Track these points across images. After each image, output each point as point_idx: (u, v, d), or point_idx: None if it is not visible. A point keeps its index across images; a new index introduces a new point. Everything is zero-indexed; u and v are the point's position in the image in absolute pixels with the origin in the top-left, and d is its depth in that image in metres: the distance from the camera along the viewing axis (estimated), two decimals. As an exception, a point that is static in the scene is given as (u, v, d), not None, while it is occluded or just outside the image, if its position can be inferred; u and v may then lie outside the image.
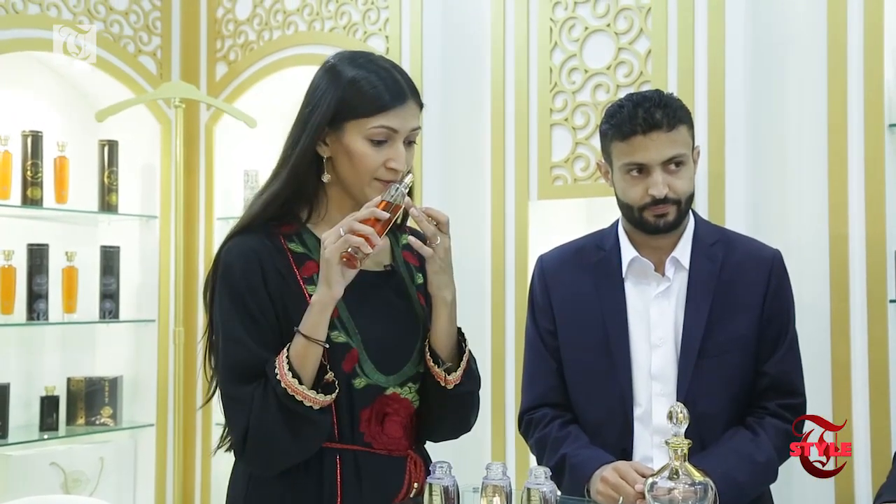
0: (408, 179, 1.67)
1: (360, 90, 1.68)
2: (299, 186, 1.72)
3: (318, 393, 1.60)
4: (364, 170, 1.68)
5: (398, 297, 1.77)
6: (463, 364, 1.75)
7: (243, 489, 1.72)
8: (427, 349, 1.75)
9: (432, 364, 1.73)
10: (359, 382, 1.68)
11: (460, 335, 1.78)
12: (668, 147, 2.00)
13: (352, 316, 1.68)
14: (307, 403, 1.59)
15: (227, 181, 3.89)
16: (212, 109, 3.83)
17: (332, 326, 1.64)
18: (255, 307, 1.65)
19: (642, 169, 2.02)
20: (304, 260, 1.70)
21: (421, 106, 1.75)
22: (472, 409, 1.84)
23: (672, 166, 2.01)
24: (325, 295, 1.59)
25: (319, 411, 1.61)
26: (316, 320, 1.60)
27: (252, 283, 1.65)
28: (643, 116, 1.99)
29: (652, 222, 2.04)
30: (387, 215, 1.60)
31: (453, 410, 1.80)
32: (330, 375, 1.63)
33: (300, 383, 1.58)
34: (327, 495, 1.66)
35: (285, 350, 1.62)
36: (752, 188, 2.69)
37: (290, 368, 1.59)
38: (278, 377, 1.58)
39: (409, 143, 1.72)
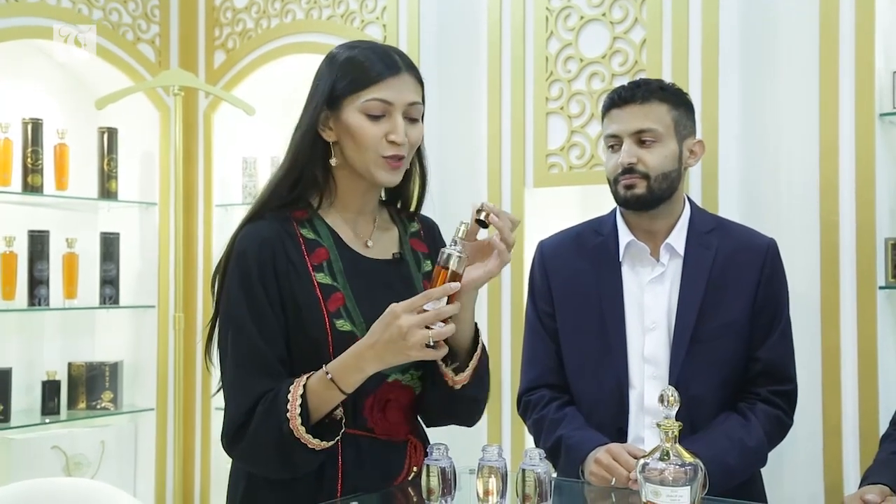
0: (460, 238, 1.58)
1: (354, 64, 1.68)
2: (304, 171, 1.71)
3: (322, 440, 1.58)
4: (366, 145, 1.66)
5: (404, 286, 1.74)
6: (473, 363, 1.69)
7: (245, 469, 1.71)
8: None
9: (440, 361, 1.69)
10: None
11: (476, 332, 1.73)
12: (638, 119, 2.08)
13: (357, 304, 1.67)
14: (310, 446, 1.58)
15: (225, 168, 3.92)
16: (210, 97, 3.85)
17: (337, 315, 1.64)
18: (264, 296, 1.63)
19: (617, 141, 2.10)
20: (315, 246, 1.69)
21: (420, 82, 1.72)
22: (475, 415, 1.81)
23: (644, 140, 2.08)
24: (376, 367, 1.58)
25: (319, 450, 1.60)
26: (355, 379, 1.58)
27: (264, 272, 1.64)
28: (620, 91, 2.11)
29: (622, 194, 2.10)
30: (458, 287, 1.54)
31: (456, 412, 1.78)
32: (339, 412, 1.62)
33: (308, 429, 1.57)
34: (328, 478, 1.66)
35: (301, 384, 1.59)
36: (744, 176, 2.72)
37: (303, 404, 1.57)
38: (288, 416, 1.56)
39: (412, 119, 1.69)
